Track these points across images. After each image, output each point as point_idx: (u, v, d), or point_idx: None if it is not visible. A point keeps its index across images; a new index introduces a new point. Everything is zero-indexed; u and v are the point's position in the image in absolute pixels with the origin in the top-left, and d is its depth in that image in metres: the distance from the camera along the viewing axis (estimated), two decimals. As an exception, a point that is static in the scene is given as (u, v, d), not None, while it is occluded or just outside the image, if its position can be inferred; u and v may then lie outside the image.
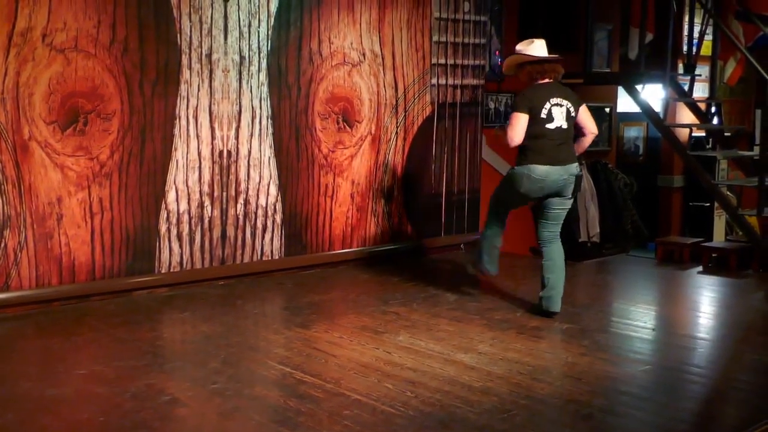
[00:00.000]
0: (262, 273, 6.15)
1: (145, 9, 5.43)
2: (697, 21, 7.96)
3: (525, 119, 4.95)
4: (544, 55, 5.06)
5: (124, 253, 5.50)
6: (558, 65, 5.10)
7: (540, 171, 4.96)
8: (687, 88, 8.03)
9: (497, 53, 7.57)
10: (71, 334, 4.65)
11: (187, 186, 5.75)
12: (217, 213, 5.92)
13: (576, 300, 5.57)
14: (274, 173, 6.21)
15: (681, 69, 8.19)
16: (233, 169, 5.97)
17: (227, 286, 5.89)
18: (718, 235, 9.26)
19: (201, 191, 5.82)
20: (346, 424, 3.36)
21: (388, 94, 6.89)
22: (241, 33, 5.92)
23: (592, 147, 5.50)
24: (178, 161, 5.69)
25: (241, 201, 6.03)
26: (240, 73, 5.95)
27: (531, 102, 4.96)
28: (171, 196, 5.68)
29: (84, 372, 4.02)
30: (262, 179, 6.15)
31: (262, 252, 6.20)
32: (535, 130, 4.95)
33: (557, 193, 5.04)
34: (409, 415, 3.49)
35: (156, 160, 5.59)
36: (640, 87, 7.59)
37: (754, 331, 5.11)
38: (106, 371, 4.00)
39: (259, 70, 6.05)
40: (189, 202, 5.77)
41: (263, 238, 6.20)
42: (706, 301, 6.23)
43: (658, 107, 7.70)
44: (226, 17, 5.83)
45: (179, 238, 5.74)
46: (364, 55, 6.69)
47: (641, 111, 7.73)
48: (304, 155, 6.39)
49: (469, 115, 7.50)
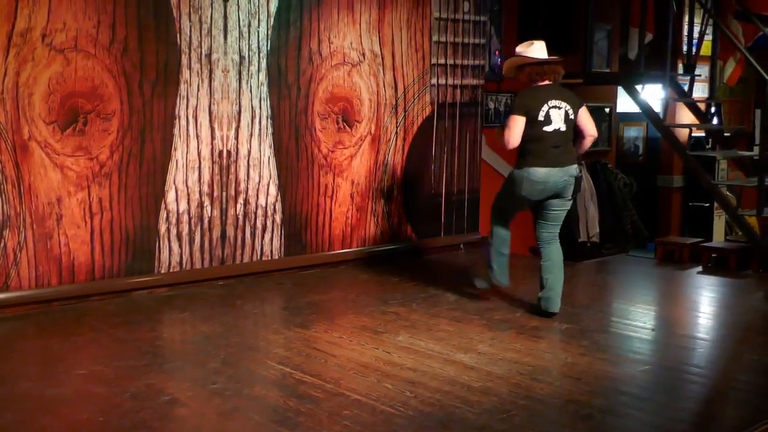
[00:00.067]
0: (261, 273, 6.15)
1: (145, 9, 5.44)
2: (697, 21, 7.96)
3: (522, 122, 4.95)
4: (544, 57, 5.06)
5: (124, 253, 5.50)
6: (558, 66, 5.09)
7: (539, 174, 4.95)
8: (687, 88, 8.03)
9: (497, 53, 7.57)
10: (71, 334, 4.65)
11: (186, 186, 5.75)
12: (216, 213, 5.92)
13: (575, 300, 5.57)
14: (274, 173, 6.21)
15: (681, 69, 8.17)
16: (233, 169, 5.98)
17: (227, 286, 5.89)
18: (718, 236, 9.25)
19: (201, 191, 5.82)
20: (345, 424, 3.37)
21: (388, 94, 6.89)
22: (240, 33, 5.92)
23: (592, 147, 5.49)
24: (177, 161, 5.69)
25: (240, 201, 6.03)
26: (240, 73, 5.95)
27: (528, 105, 4.96)
28: (171, 196, 5.68)
29: (84, 372, 4.02)
30: (262, 179, 6.15)
31: (262, 252, 6.20)
32: (533, 132, 4.95)
33: (557, 195, 5.04)
34: (408, 415, 3.49)
35: (156, 160, 5.59)
36: (639, 87, 7.59)
37: (753, 331, 5.12)
38: (105, 371, 4.00)
39: (258, 70, 6.05)
40: (189, 202, 5.77)
41: (263, 238, 6.20)
42: (706, 301, 6.23)
43: (657, 107, 7.70)
44: (225, 17, 5.83)
45: (179, 238, 5.75)
46: (364, 55, 6.68)
47: (641, 111, 7.73)
48: (304, 155, 6.39)
49: (468, 115, 7.50)
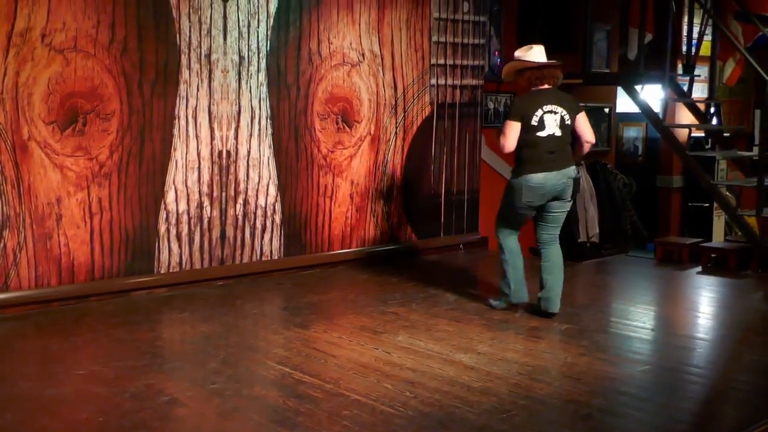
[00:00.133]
0: (261, 273, 6.15)
1: (145, 9, 5.43)
2: (697, 21, 7.97)
3: (517, 127, 4.96)
4: (543, 61, 5.06)
5: (124, 253, 5.50)
6: (557, 71, 5.08)
7: (537, 179, 4.95)
8: (686, 89, 8.03)
9: (496, 53, 7.57)
10: (70, 335, 4.65)
11: (186, 186, 5.75)
12: (216, 213, 5.92)
13: (575, 300, 5.57)
14: (274, 173, 6.21)
15: (680, 69, 8.18)
16: (232, 170, 5.97)
17: (226, 286, 5.89)
18: (717, 236, 9.25)
19: (200, 191, 5.82)
20: (345, 425, 3.37)
21: (388, 94, 6.89)
22: (240, 33, 5.92)
23: (591, 147, 5.48)
24: (177, 161, 5.69)
25: (240, 201, 6.03)
26: (239, 73, 5.95)
27: (523, 110, 4.98)
28: (170, 197, 5.68)
29: (83, 372, 4.02)
30: (262, 179, 6.15)
31: (262, 252, 6.20)
32: (528, 137, 4.96)
33: (557, 197, 5.04)
34: (408, 415, 3.49)
35: (155, 161, 5.59)
36: (639, 87, 7.59)
37: (753, 331, 5.11)
38: (105, 371, 4.00)
39: (258, 71, 6.05)
40: (188, 203, 5.77)
41: (262, 238, 6.20)
42: (705, 301, 6.23)
43: (657, 107, 7.70)
44: (225, 17, 5.83)
45: (178, 238, 5.75)
46: (364, 55, 6.69)
47: (640, 111, 7.73)
48: (304, 155, 6.39)
49: (468, 115, 7.50)
